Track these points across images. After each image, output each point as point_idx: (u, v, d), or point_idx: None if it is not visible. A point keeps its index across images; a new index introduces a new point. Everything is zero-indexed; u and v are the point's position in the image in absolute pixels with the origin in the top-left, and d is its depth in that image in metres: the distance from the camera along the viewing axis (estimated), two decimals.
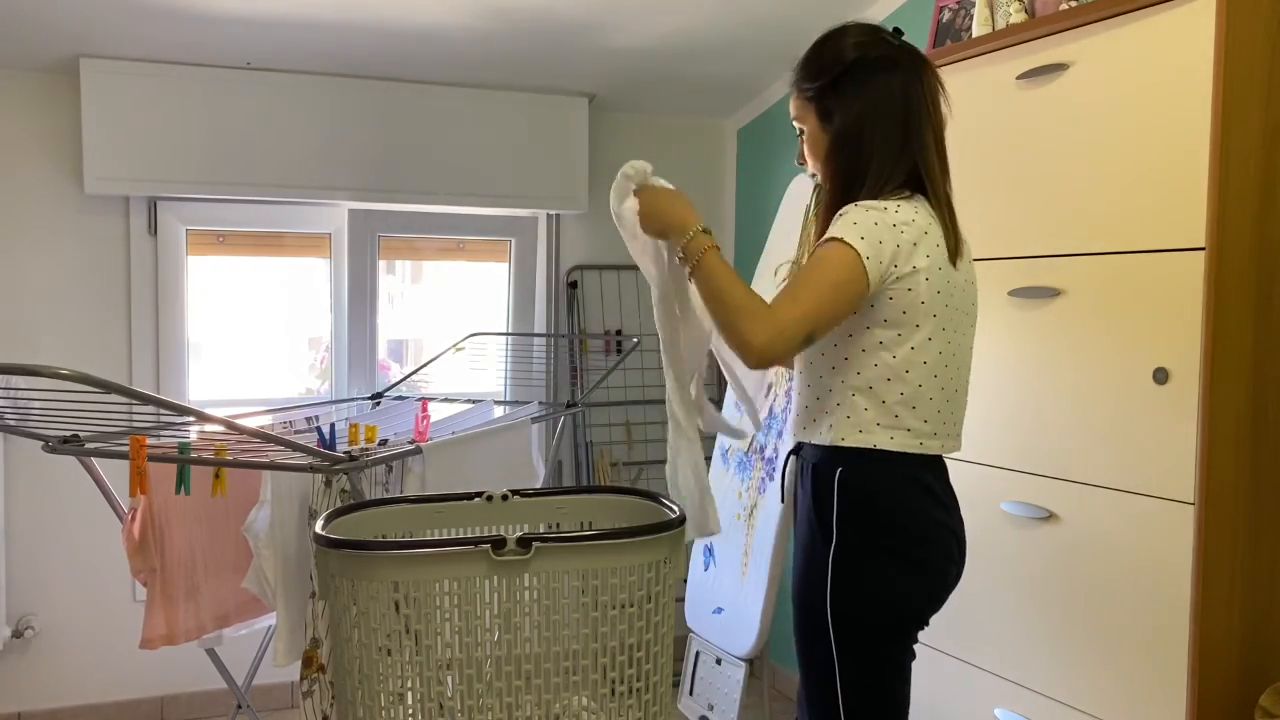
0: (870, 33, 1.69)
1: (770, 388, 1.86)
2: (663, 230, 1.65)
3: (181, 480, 2.05)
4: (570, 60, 3.10)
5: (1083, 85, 1.90)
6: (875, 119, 1.63)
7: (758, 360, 1.51)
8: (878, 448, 1.59)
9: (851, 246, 1.52)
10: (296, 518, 2.24)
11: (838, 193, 1.67)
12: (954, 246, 1.63)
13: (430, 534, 1.65)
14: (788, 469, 1.83)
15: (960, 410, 1.68)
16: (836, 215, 1.60)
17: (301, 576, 2.25)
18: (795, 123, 1.75)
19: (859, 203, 1.59)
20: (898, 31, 1.71)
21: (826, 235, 1.57)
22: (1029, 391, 2.00)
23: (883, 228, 1.55)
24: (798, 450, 1.74)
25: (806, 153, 1.74)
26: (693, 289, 1.66)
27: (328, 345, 3.42)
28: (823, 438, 1.63)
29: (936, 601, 1.65)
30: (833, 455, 1.62)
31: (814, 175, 1.79)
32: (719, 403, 3.21)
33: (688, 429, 1.72)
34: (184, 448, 2.03)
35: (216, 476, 2.07)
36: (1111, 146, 1.84)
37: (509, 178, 3.33)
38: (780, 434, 2.84)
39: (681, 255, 1.60)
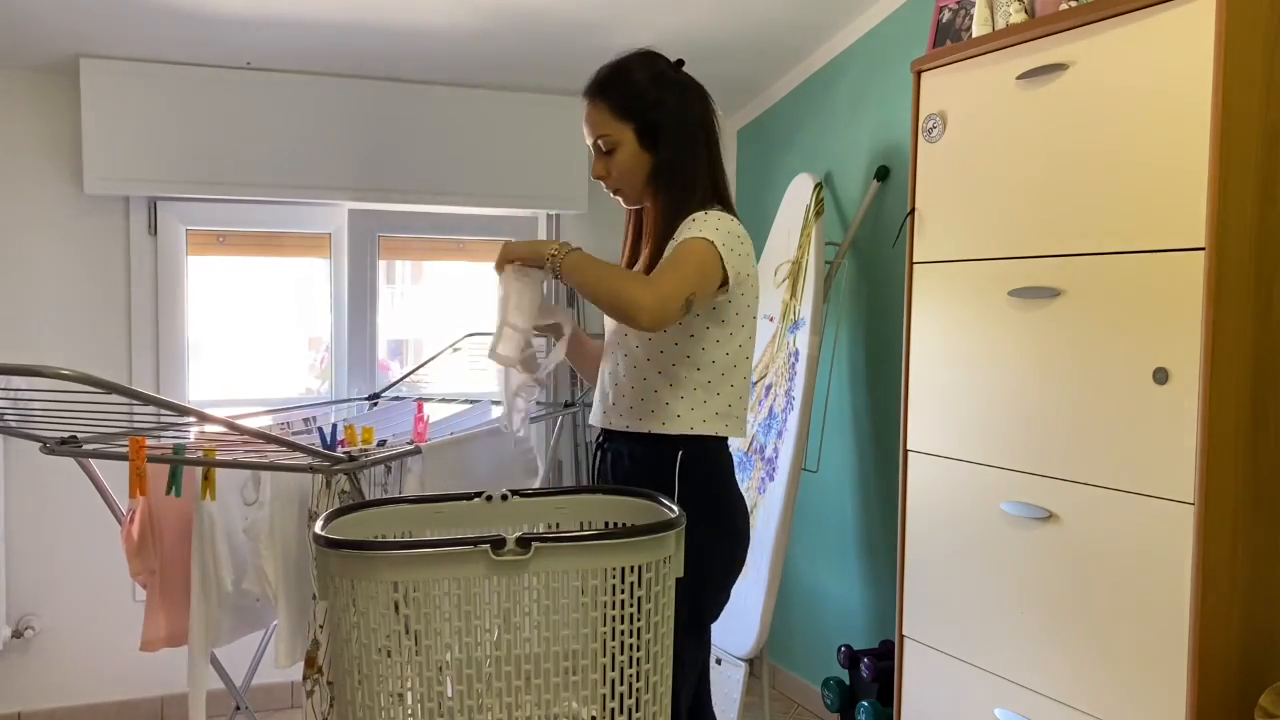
0: (668, 61, 1.88)
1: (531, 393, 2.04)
2: (531, 252, 1.77)
3: (172, 482, 2.05)
4: (570, 60, 3.10)
5: (1083, 85, 1.90)
6: (693, 143, 1.85)
7: (650, 318, 1.64)
8: (717, 434, 1.81)
9: (711, 242, 1.73)
10: (296, 518, 2.24)
11: (667, 211, 1.84)
12: None
13: (430, 534, 1.65)
14: (602, 456, 1.96)
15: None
16: (688, 220, 1.78)
17: (302, 577, 2.25)
18: (599, 138, 1.86)
19: (707, 212, 1.78)
20: (679, 62, 1.90)
21: (687, 236, 1.74)
22: (1029, 391, 2.00)
23: (734, 236, 1.77)
24: (612, 436, 1.89)
25: (613, 168, 1.87)
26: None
27: (327, 345, 3.42)
28: (664, 427, 1.80)
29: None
30: (675, 442, 1.80)
31: (617, 193, 1.92)
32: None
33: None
34: (178, 449, 2.03)
35: (205, 479, 2.07)
36: (1111, 146, 1.84)
37: (509, 178, 3.33)
38: (780, 434, 2.84)
39: (554, 255, 1.73)
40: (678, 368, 1.80)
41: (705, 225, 1.75)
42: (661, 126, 1.83)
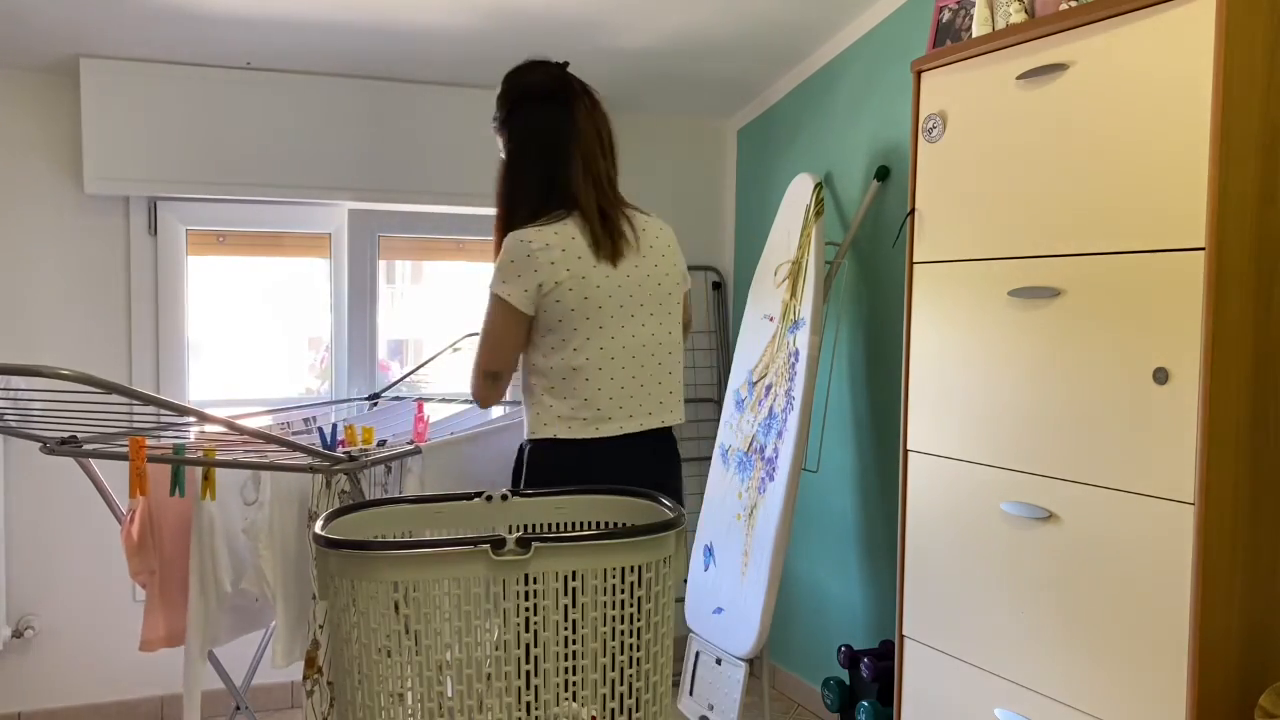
0: (536, 69, 1.95)
1: None
2: None
3: (176, 482, 2.05)
4: (570, 60, 3.10)
5: (1083, 85, 1.90)
6: (528, 150, 1.91)
7: (479, 405, 1.98)
8: (559, 438, 1.89)
9: (494, 294, 1.86)
10: (296, 519, 2.24)
11: (502, 216, 1.96)
12: (611, 251, 1.89)
13: (430, 534, 1.65)
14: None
15: (651, 386, 1.96)
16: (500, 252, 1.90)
17: (301, 577, 2.25)
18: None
19: (508, 237, 1.87)
20: (563, 64, 1.97)
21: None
22: (1029, 391, 2.00)
23: (519, 263, 1.84)
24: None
25: None
26: None
27: (327, 345, 3.42)
28: (524, 433, 1.98)
29: None
30: (525, 445, 1.95)
31: None
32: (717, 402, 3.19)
33: None
34: (179, 449, 2.03)
35: (205, 479, 2.07)
36: (1111, 146, 1.84)
37: None
38: (780, 434, 2.84)
39: None
40: (529, 377, 1.96)
41: (494, 271, 1.88)
42: (503, 136, 1.96)
